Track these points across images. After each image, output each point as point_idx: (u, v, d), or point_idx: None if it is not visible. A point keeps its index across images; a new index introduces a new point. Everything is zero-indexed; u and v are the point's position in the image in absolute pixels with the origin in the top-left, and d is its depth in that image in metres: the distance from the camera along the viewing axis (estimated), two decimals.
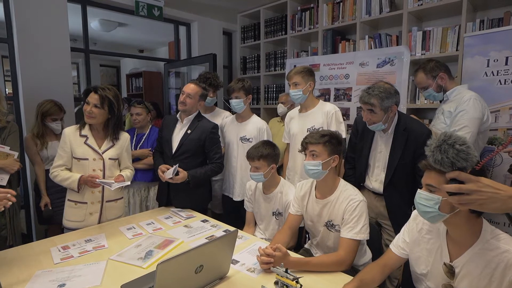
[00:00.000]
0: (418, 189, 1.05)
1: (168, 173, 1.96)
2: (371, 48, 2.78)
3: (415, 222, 1.22)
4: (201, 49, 3.83)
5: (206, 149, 2.12)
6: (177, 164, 1.98)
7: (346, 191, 1.56)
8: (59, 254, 1.49)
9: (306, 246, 1.79)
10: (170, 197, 2.16)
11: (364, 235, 1.46)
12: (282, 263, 1.23)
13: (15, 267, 1.37)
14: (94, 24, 4.22)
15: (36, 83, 2.68)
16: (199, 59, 3.47)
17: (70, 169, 1.80)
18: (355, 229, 1.45)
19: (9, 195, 1.20)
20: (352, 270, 1.56)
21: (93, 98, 1.76)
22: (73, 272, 1.33)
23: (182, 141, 2.10)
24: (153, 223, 1.88)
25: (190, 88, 2.09)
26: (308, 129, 2.15)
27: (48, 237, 1.71)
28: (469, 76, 2.23)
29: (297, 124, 2.23)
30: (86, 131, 1.82)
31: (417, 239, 1.19)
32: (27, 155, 2.44)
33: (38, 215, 2.44)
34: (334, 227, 1.56)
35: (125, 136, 1.94)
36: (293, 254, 1.52)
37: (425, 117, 2.64)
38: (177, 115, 2.19)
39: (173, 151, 2.11)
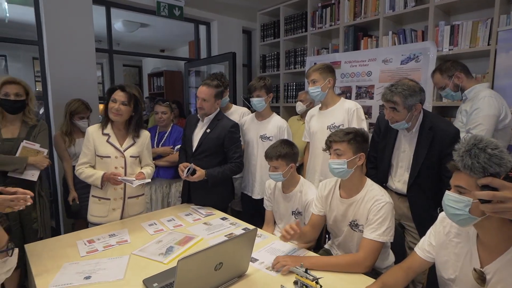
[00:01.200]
0: (446, 191, 1.01)
1: (184, 171, 1.99)
2: (395, 44, 2.70)
3: (442, 224, 1.17)
4: (220, 48, 3.85)
5: (225, 148, 2.11)
6: (192, 164, 2.00)
7: (372, 190, 1.52)
8: (85, 247, 1.54)
9: (326, 246, 1.77)
10: (191, 194, 2.19)
11: (387, 238, 1.42)
12: (302, 263, 1.21)
13: (45, 258, 1.44)
14: (117, 25, 4.34)
15: (64, 83, 2.79)
16: (219, 58, 3.49)
17: (94, 167, 1.86)
18: (379, 230, 1.41)
19: (28, 196, 1.23)
20: (374, 273, 1.52)
21: (120, 95, 1.80)
22: (98, 265, 1.37)
23: (201, 140, 2.12)
24: (174, 220, 1.91)
25: (203, 92, 2.07)
26: (328, 126, 2.11)
27: (74, 231, 1.78)
28: (504, 72, 2.11)
29: (317, 122, 2.20)
30: (108, 129, 1.87)
31: (444, 243, 1.14)
32: (56, 152, 2.55)
33: (66, 209, 2.54)
34: (358, 227, 1.53)
35: (145, 134, 1.98)
36: (312, 255, 1.51)
37: (452, 115, 2.53)
38: (198, 114, 2.21)
39: (193, 149, 2.14)
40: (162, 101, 2.59)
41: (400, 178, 1.84)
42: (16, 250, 0.90)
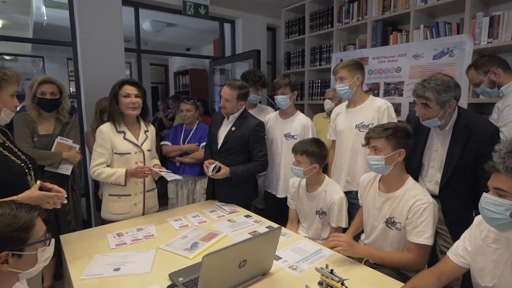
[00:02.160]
0: (484, 193, 0.95)
1: (209, 169, 2.01)
2: (427, 39, 2.57)
3: (478, 229, 1.10)
4: (245, 45, 3.85)
5: (250, 147, 2.11)
6: (217, 162, 2.01)
7: (414, 189, 1.48)
8: (114, 240, 1.60)
9: None
10: (215, 192, 2.21)
11: (433, 240, 1.39)
12: (327, 264, 1.19)
13: (78, 249, 1.51)
14: (145, 25, 4.46)
15: (95, 82, 2.90)
16: (243, 56, 3.50)
17: (110, 166, 1.85)
18: (426, 233, 1.37)
19: (64, 196, 1.29)
20: (401, 276, 1.47)
21: (131, 89, 1.83)
22: (126, 258, 1.42)
23: (226, 138, 2.13)
24: (199, 216, 1.94)
25: (226, 93, 2.08)
26: (356, 125, 2.05)
27: (104, 224, 1.85)
28: None
29: (344, 120, 2.14)
30: (121, 127, 1.88)
31: (480, 248, 1.07)
32: (87, 147, 2.67)
33: (97, 203, 2.66)
34: (395, 225, 1.48)
35: (152, 128, 2.03)
36: (340, 257, 1.47)
37: (490, 113, 2.37)
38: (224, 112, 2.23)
39: (218, 147, 2.15)
40: (187, 99, 2.63)
41: (431, 179, 1.75)
42: (53, 240, 0.95)
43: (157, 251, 1.49)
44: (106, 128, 1.85)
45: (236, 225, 1.81)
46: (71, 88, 6.16)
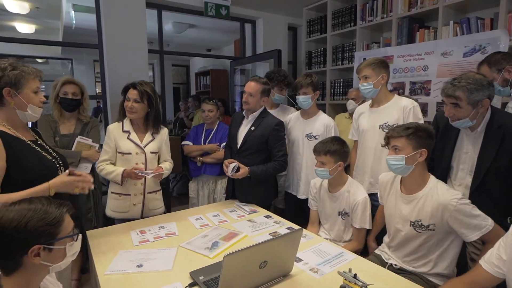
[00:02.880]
0: None
1: (231, 168, 2.01)
2: (457, 35, 2.45)
3: None
4: (266, 45, 3.84)
5: (269, 146, 2.10)
6: (236, 162, 2.01)
7: (438, 188, 1.43)
8: (137, 237, 1.64)
9: (377, 252, 1.67)
10: (235, 191, 2.21)
11: None
12: (350, 268, 1.15)
13: (103, 244, 1.56)
14: (167, 27, 4.55)
15: (120, 83, 2.95)
16: (264, 56, 3.49)
17: (114, 164, 1.89)
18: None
19: (91, 180, 1.33)
20: (427, 282, 1.41)
21: (132, 93, 1.86)
22: (149, 255, 1.45)
23: (246, 138, 2.13)
24: (219, 215, 1.95)
25: (251, 86, 2.08)
26: (380, 125, 1.99)
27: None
28: None
29: (368, 120, 2.08)
30: (128, 126, 1.91)
31: None
32: None
33: None
34: (428, 228, 1.42)
35: (164, 130, 2.03)
36: (363, 260, 1.43)
37: None
38: (243, 112, 2.22)
39: (238, 146, 2.15)
40: (209, 99, 2.65)
41: (461, 182, 1.67)
42: (80, 236, 0.98)
43: (179, 249, 1.51)
44: (113, 127, 1.92)
45: (256, 225, 1.80)
46: (97, 89, 6.40)
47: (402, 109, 1.95)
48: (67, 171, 1.31)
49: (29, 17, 4.70)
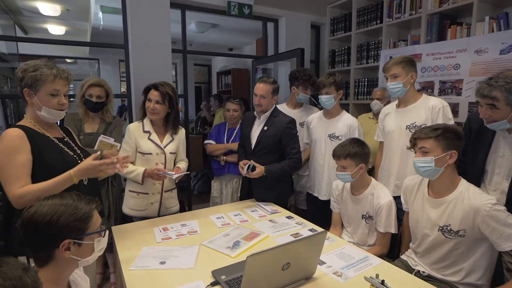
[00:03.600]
0: None
1: (245, 169, 2.01)
2: (493, 31, 2.32)
3: None
4: (288, 44, 3.80)
5: (283, 145, 2.10)
6: (251, 161, 2.01)
7: (470, 192, 1.36)
8: (160, 234, 1.66)
9: (402, 257, 1.61)
10: (252, 190, 2.21)
11: None
12: (377, 273, 1.11)
13: (127, 240, 1.59)
14: (190, 27, 4.61)
15: (144, 82, 2.99)
16: (287, 55, 3.45)
17: (133, 163, 1.91)
18: None
19: (115, 160, 1.34)
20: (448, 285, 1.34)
21: (154, 95, 1.86)
22: (172, 252, 1.46)
23: (259, 138, 2.14)
24: (240, 215, 1.94)
25: (261, 88, 2.08)
26: (407, 126, 1.92)
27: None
28: None
29: (394, 121, 2.01)
30: (148, 126, 1.93)
31: None
32: None
33: None
34: (458, 233, 1.36)
35: (182, 131, 2.04)
36: (389, 266, 1.38)
37: None
38: (255, 112, 2.23)
39: (252, 147, 2.16)
40: (233, 99, 2.65)
41: (496, 187, 1.58)
42: (107, 232, 1.00)
43: (200, 247, 1.52)
44: (133, 126, 1.93)
45: (278, 226, 1.78)
46: (122, 88, 6.59)
47: (431, 109, 1.87)
48: (92, 155, 1.33)
49: (60, 19, 4.91)
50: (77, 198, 0.91)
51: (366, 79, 3.40)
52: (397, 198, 1.88)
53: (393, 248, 1.79)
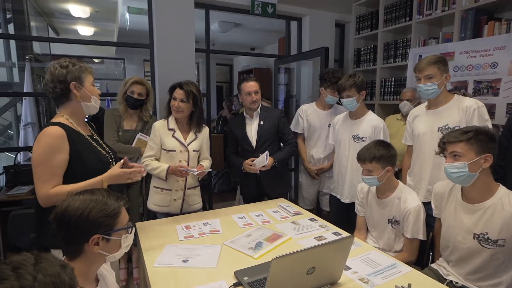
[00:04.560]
0: None
1: (260, 161, 2.05)
2: None
3: None
4: (311, 43, 3.74)
5: (280, 133, 2.34)
6: (267, 152, 2.13)
7: (511, 198, 1.27)
8: (183, 232, 1.67)
9: (433, 265, 1.53)
10: (262, 189, 2.30)
11: None
12: (409, 283, 1.06)
13: (151, 237, 1.61)
14: (213, 26, 4.64)
15: (168, 81, 3.03)
16: (311, 54, 3.40)
17: (158, 160, 1.95)
18: None
19: (142, 169, 1.40)
20: None
21: (179, 93, 1.90)
22: (194, 251, 1.46)
23: (259, 134, 2.28)
24: (262, 215, 1.92)
25: (253, 85, 2.26)
26: (439, 128, 1.82)
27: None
28: None
29: (425, 123, 1.91)
30: (173, 124, 1.96)
31: None
32: None
33: None
34: (497, 243, 1.28)
35: (205, 129, 2.06)
36: (419, 274, 1.31)
37: None
38: (244, 113, 2.36)
39: (254, 144, 2.27)
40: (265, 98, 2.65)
41: None
42: (134, 229, 1.01)
43: (222, 247, 1.51)
44: (159, 124, 1.97)
45: (300, 228, 1.75)
46: None
47: (465, 110, 1.76)
48: (119, 162, 1.37)
49: (89, 20, 5.09)
50: (106, 194, 0.93)
51: (393, 78, 3.28)
52: (428, 204, 1.80)
53: (421, 256, 1.71)
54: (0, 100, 3.90)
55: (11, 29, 3.61)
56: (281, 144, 2.43)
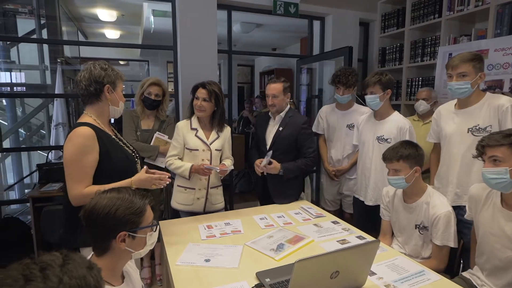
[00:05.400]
0: None
1: (264, 162, 2.02)
2: None
3: None
4: (334, 42, 3.68)
5: (299, 145, 2.15)
6: (271, 152, 2.05)
7: None
8: (205, 231, 1.68)
9: (465, 274, 1.45)
10: (268, 191, 2.20)
11: None
12: None
13: (173, 235, 1.64)
14: (235, 27, 4.67)
15: (191, 82, 3.08)
16: (334, 53, 3.34)
17: (181, 159, 1.98)
18: None
19: (166, 176, 1.43)
20: None
21: (201, 93, 1.92)
22: (216, 250, 1.47)
23: (274, 139, 2.16)
24: (283, 217, 1.91)
25: (272, 88, 2.12)
26: (469, 129, 1.73)
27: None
28: None
29: (453, 123, 1.82)
30: (195, 124, 1.99)
31: None
32: None
33: None
34: None
35: (227, 129, 2.07)
36: (449, 283, 1.25)
37: None
38: (269, 113, 2.24)
39: (267, 148, 2.17)
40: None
41: None
42: (158, 227, 1.03)
43: (244, 247, 1.51)
44: (182, 124, 2.01)
45: (323, 230, 1.71)
46: (169, 88, 6.89)
47: (497, 109, 1.65)
48: (144, 167, 1.41)
49: (116, 24, 5.26)
50: (132, 192, 0.95)
51: (420, 78, 3.16)
52: (456, 208, 1.71)
53: (451, 263, 1.63)
54: (34, 101, 4.11)
55: (44, 34, 3.80)
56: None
